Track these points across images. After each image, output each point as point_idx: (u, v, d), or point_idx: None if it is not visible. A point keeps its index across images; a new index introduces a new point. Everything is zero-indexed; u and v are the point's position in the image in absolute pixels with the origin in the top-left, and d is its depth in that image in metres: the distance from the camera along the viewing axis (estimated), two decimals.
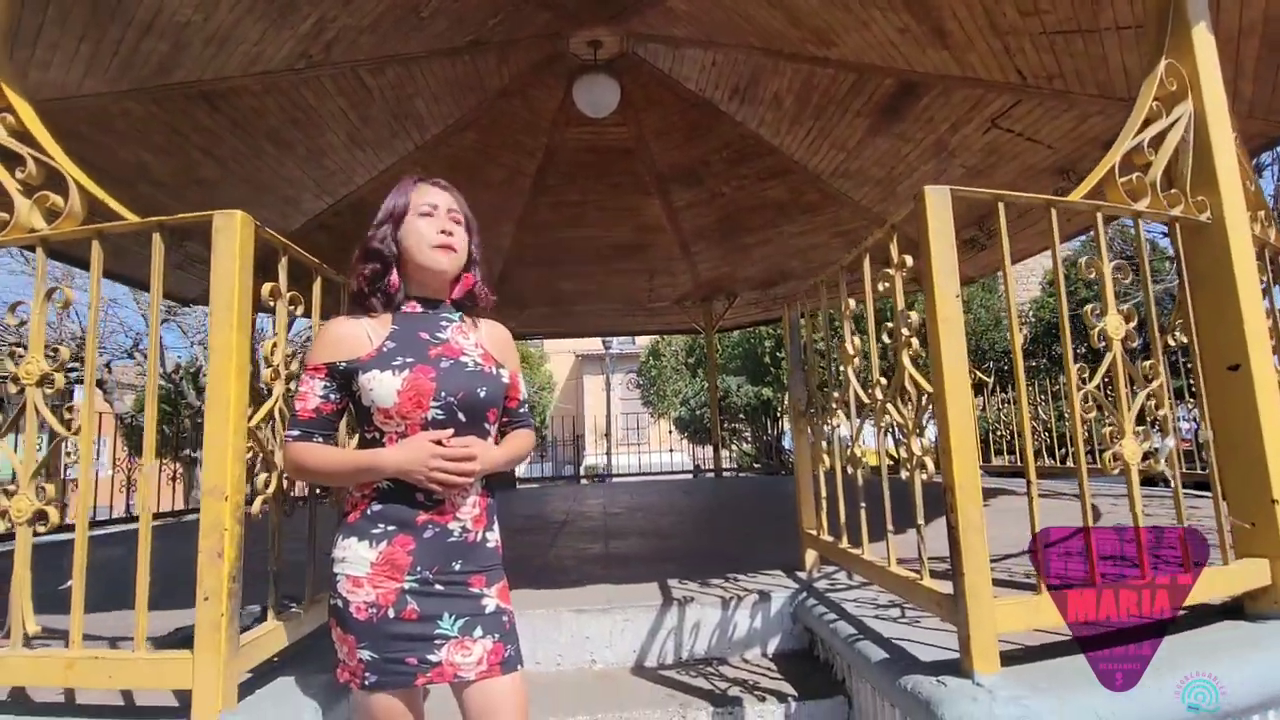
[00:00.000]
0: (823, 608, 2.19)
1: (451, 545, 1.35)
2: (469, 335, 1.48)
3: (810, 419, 2.67)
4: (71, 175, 1.61)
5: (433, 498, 1.34)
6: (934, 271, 1.53)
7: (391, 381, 1.31)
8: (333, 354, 1.36)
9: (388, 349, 1.36)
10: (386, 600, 1.29)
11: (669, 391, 18.64)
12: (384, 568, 1.30)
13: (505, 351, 1.54)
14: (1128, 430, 1.63)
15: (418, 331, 1.41)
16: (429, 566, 1.32)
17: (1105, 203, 1.79)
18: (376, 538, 1.31)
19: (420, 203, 1.43)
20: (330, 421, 1.39)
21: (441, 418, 1.34)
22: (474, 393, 1.37)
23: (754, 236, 8.43)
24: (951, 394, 1.50)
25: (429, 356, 1.37)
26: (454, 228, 1.45)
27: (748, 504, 6.04)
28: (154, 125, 5.13)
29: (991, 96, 5.09)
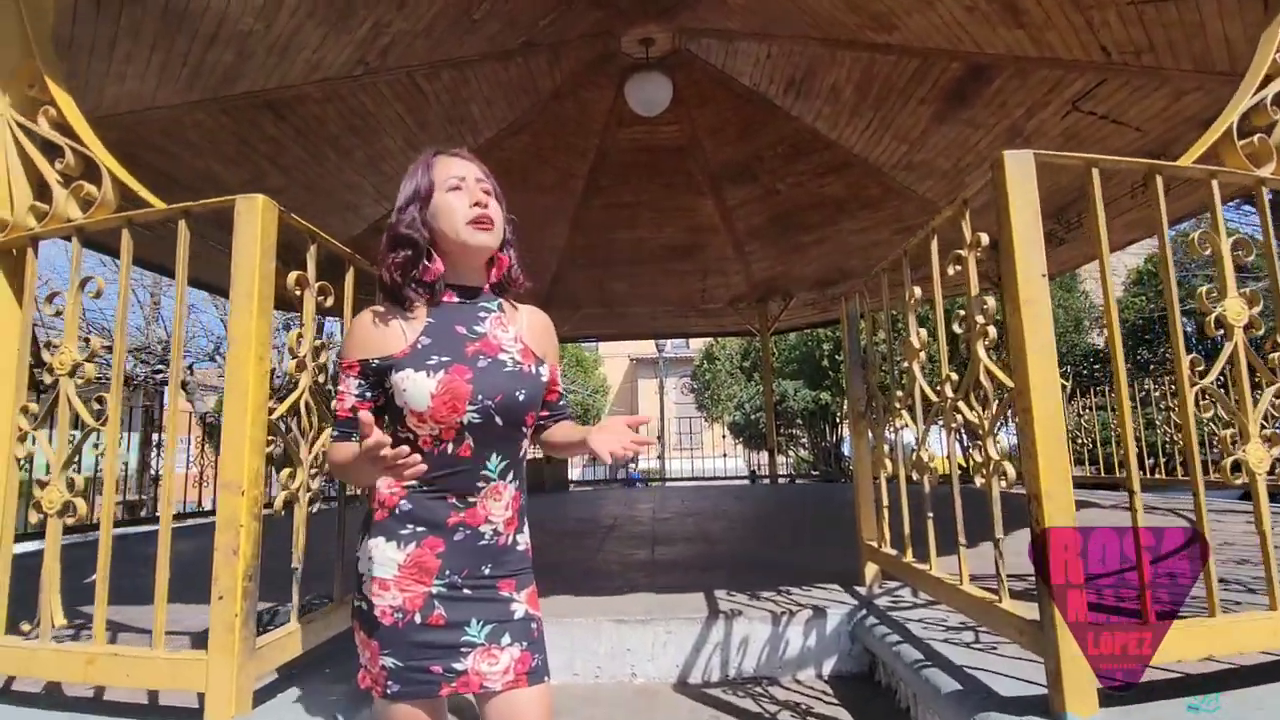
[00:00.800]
0: (884, 628, 1.99)
1: (482, 548, 1.26)
2: (508, 327, 1.36)
3: (870, 420, 2.46)
4: (105, 164, 1.61)
5: (465, 499, 1.25)
6: (1016, 247, 1.34)
7: (426, 383, 1.21)
8: (364, 350, 1.27)
9: (422, 346, 1.26)
10: (414, 605, 1.20)
11: (723, 395, 18.35)
12: (412, 570, 1.21)
13: (546, 342, 1.44)
14: (1253, 433, 1.38)
15: (454, 325, 1.30)
16: (458, 570, 1.23)
17: (1222, 168, 1.54)
18: (405, 539, 1.23)
19: (446, 176, 1.31)
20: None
21: (478, 421, 1.24)
22: (513, 395, 1.27)
23: (811, 235, 8.16)
24: (1038, 389, 1.30)
25: (465, 355, 1.27)
26: (486, 199, 1.32)
27: (803, 511, 5.79)
28: (223, 135, 5.33)
29: (1072, 76, 4.71)
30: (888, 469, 2.24)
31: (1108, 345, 10.58)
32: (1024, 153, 1.37)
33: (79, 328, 1.60)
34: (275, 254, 1.42)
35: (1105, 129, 5.10)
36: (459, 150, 1.36)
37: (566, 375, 19.21)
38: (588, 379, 20.21)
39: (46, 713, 1.40)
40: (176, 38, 3.99)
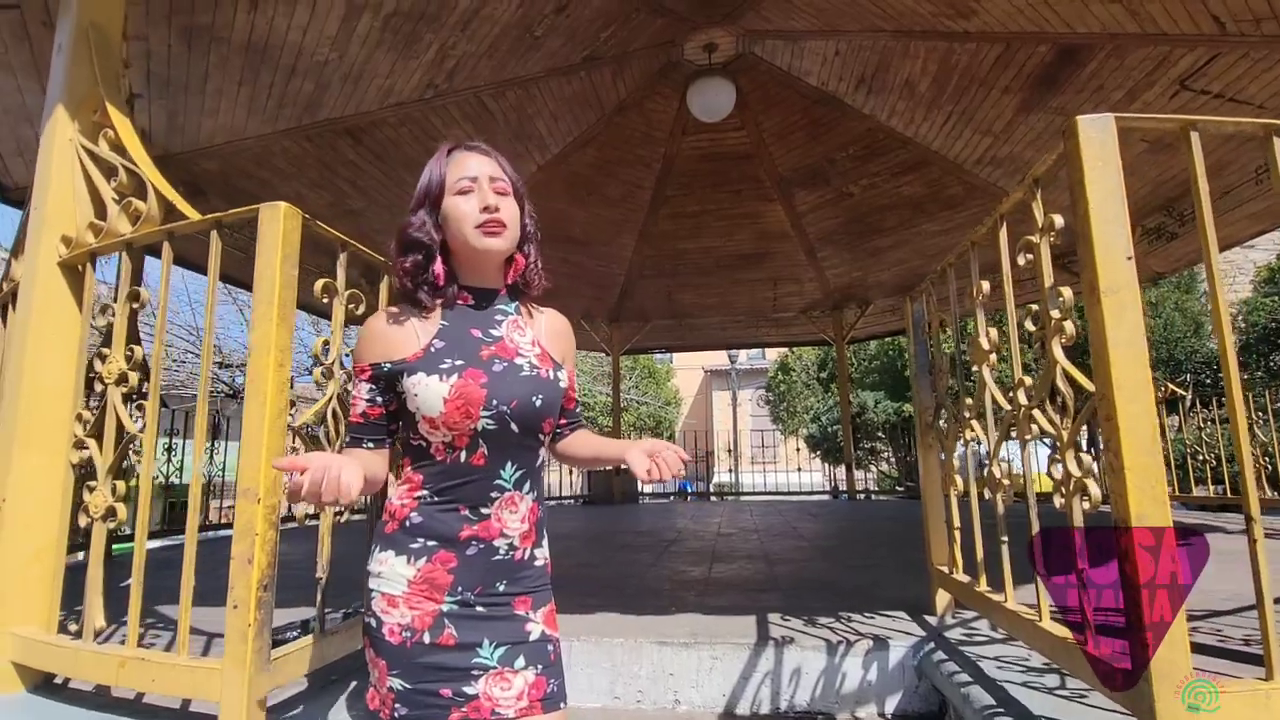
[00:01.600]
0: (954, 665, 1.77)
1: (497, 564, 1.19)
2: (526, 331, 1.30)
3: (939, 432, 2.24)
4: (151, 179, 1.68)
5: (479, 510, 1.19)
6: (1093, 225, 1.14)
7: (438, 388, 1.16)
8: (376, 354, 1.23)
9: (435, 349, 1.21)
10: (423, 624, 1.14)
11: (799, 408, 17.79)
12: (422, 586, 1.15)
13: (564, 346, 1.37)
14: None
15: (469, 329, 1.25)
16: (471, 587, 1.16)
17: None
18: (416, 553, 1.17)
19: (457, 177, 1.24)
20: (379, 426, 1.25)
21: (493, 428, 1.17)
22: (529, 401, 1.20)
23: (888, 238, 7.78)
24: (1123, 392, 1.10)
25: (480, 359, 1.21)
26: (499, 200, 1.23)
27: (878, 530, 5.44)
28: (308, 161, 5.66)
29: (1179, 53, 4.26)
30: (958, 486, 2.01)
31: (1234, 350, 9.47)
32: (1103, 116, 1.18)
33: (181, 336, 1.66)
34: (299, 261, 1.42)
35: (1221, 109, 4.57)
36: (476, 144, 1.28)
37: (638, 388, 19.18)
38: (659, 391, 20.12)
39: (88, 712, 1.44)
40: (260, 71, 4.26)
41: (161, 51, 3.81)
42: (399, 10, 4.08)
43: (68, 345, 1.72)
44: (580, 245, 8.22)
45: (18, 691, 1.60)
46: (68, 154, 1.79)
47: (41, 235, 1.74)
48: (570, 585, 3.07)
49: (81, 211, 1.79)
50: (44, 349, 1.70)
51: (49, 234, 1.75)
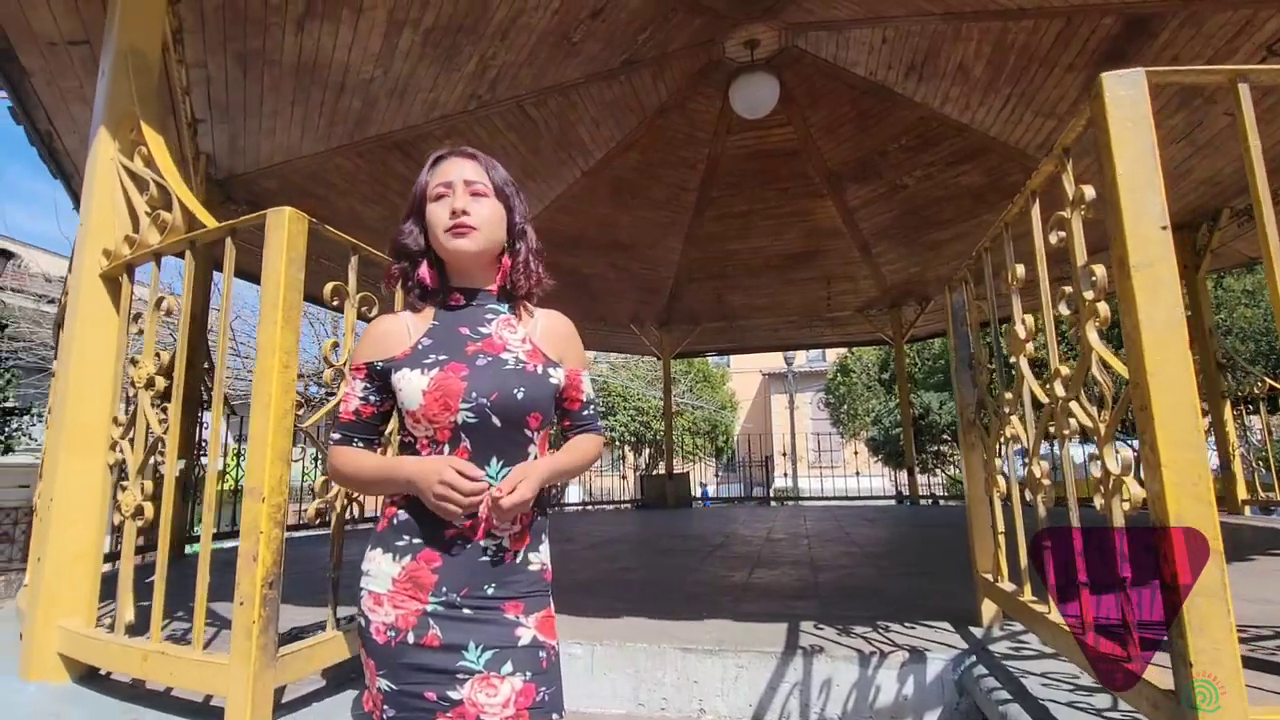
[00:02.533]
0: (995, 681, 1.63)
1: (484, 565, 1.17)
2: (517, 329, 1.30)
3: (981, 430, 2.09)
4: (175, 191, 1.76)
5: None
6: (1121, 192, 1.02)
7: (419, 381, 1.17)
8: (371, 352, 1.25)
9: (423, 346, 1.23)
10: (407, 623, 1.14)
11: (860, 410, 17.22)
12: (406, 585, 1.15)
13: (563, 347, 1.34)
14: None
15: (458, 326, 1.26)
16: (456, 588, 1.15)
17: None
18: (400, 551, 1.17)
19: (435, 184, 1.27)
20: (371, 425, 1.27)
21: (473, 421, 1.17)
22: (510, 394, 1.18)
23: (947, 231, 7.44)
24: (1158, 377, 0.97)
25: (465, 353, 1.22)
26: (471, 202, 1.24)
27: (935, 536, 5.17)
28: (360, 177, 5.88)
29: (1265, 14, 3.89)
30: (1001, 488, 1.87)
31: None
32: (1133, 71, 1.06)
33: None
34: (304, 264, 1.45)
35: None
36: (460, 149, 1.29)
37: (693, 391, 19.03)
38: (715, 394, 19.92)
39: (119, 703, 1.51)
40: (310, 90, 4.45)
41: (220, 77, 4.03)
42: (438, 24, 4.18)
43: (107, 353, 1.83)
44: (626, 249, 8.22)
45: (64, 681, 1.70)
46: (109, 172, 1.91)
47: (85, 249, 1.86)
48: (603, 589, 3.04)
49: (120, 225, 1.90)
50: (87, 357, 1.81)
51: (92, 247, 1.87)
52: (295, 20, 3.73)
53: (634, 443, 16.20)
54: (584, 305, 9.23)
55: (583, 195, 7.14)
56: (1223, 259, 6.75)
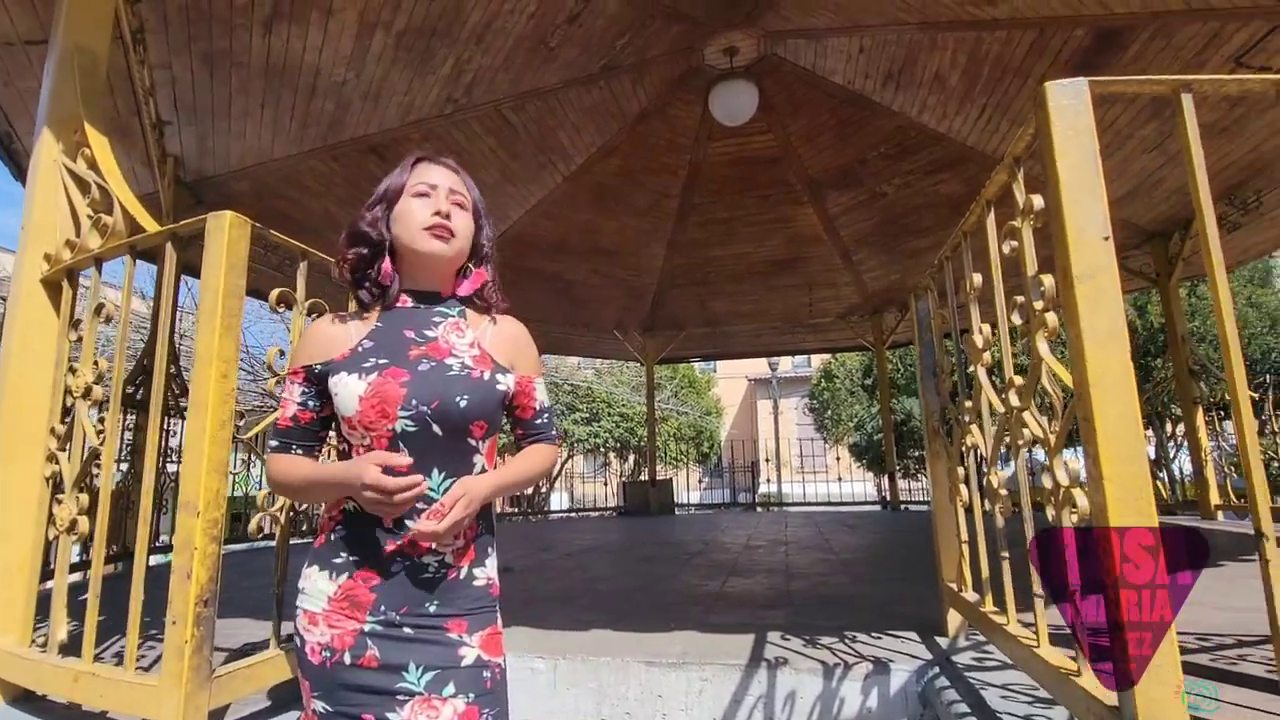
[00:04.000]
0: (955, 694, 1.61)
1: (425, 582, 1.12)
2: (466, 333, 1.25)
3: (945, 438, 2.08)
4: (117, 194, 1.71)
5: (403, 522, 1.12)
6: (1064, 204, 1.01)
7: (355, 386, 1.12)
8: (310, 355, 1.20)
9: (363, 349, 1.18)
10: (343, 643, 1.09)
11: (844, 416, 17.30)
12: (343, 604, 1.10)
13: (514, 352, 1.29)
14: None
15: (403, 329, 1.22)
16: (396, 606, 1.10)
17: None
18: (337, 568, 1.12)
19: (417, 182, 1.24)
20: (310, 431, 1.22)
21: (413, 429, 1.12)
22: (451, 401, 1.13)
23: (926, 238, 7.50)
24: (1099, 389, 0.96)
25: (407, 358, 1.17)
26: (454, 210, 1.23)
27: (913, 543, 5.18)
28: (335, 180, 5.81)
29: (1233, 28, 3.95)
30: (964, 497, 1.86)
31: None
32: (1076, 81, 1.05)
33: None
34: (245, 271, 1.41)
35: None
36: (445, 159, 1.27)
37: (678, 397, 19.02)
38: (700, 400, 19.93)
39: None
40: (281, 93, 4.39)
41: (185, 79, 3.96)
42: (410, 27, 4.14)
43: (46, 360, 1.77)
44: (609, 255, 8.20)
45: None
46: (52, 174, 1.85)
47: (26, 253, 1.80)
48: (573, 600, 3.00)
49: (62, 229, 1.84)
50: (26, 364, 1.75)
51: (33, 251, 1.81)
52: (262, 21, 3.67)
53: (618, 449, 16.15)
54: (567, 311, 9.19)
55: (564, 200, 7.11)
56: (1195, 267, 6.84)
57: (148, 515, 1.44)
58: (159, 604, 1.46)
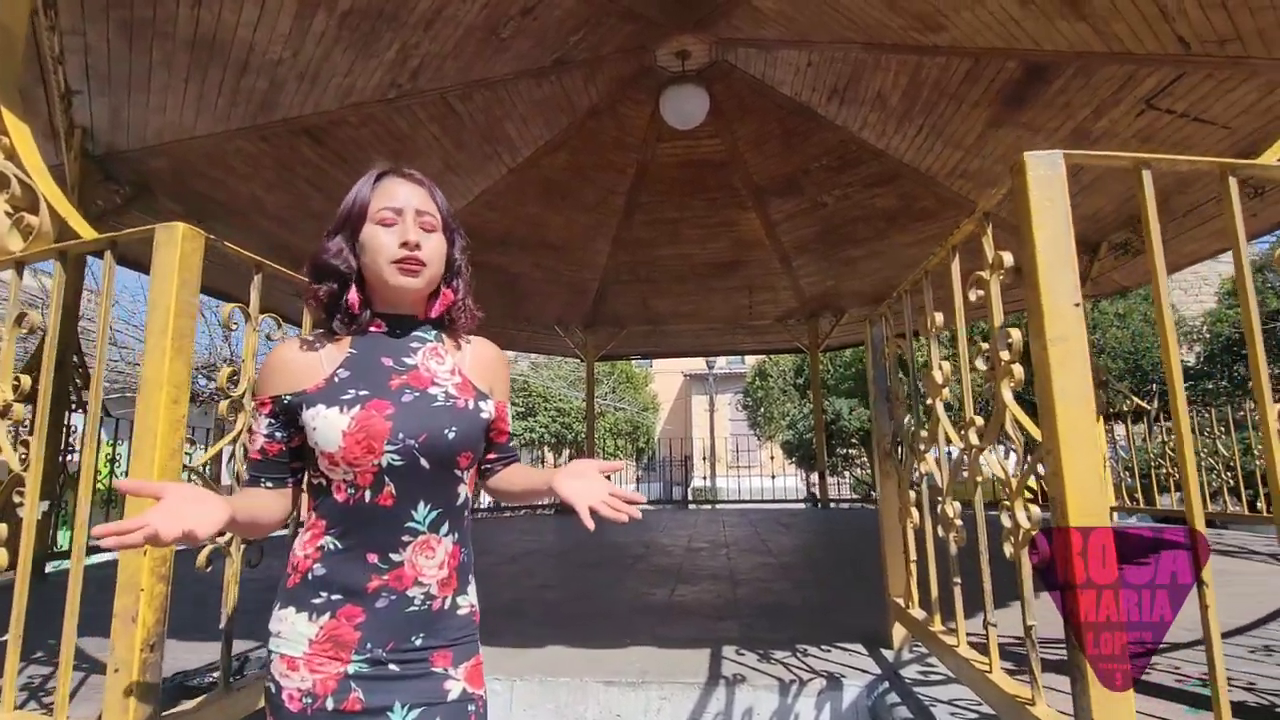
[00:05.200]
0: (906, 710, 1.70)
1: (411, 615, 1.08)
2: (445, 358, 1.20)
3: (896, 461, 2.18)
4: (45, 195, 1.55)
5: (389, 558, 1.08)
6: (1040, 271, 1.08)
7: (337, 420, 1.06)
8: (276, 385, 1.13)
9: (339, 379, 1.11)
10: (325, 688, 1.03)
11: (776, 414, 17.84)
12: (325, 646, 1.05)
13: (492, 375, 1.26)
14: None
15: (380, 357, 1.15)
16: (382, 644, 1.05)
17: None
18: (318, 609, 1.06)
19: (380, 205, 1.16)
20: (280, 464, 1.15)
21: (399, 464, 1.07)
22: (440, 434, 1.10)
23: (861, 249, 7.79)
24: (1069, 445, 1.03)
25: (389, 388, 1.11)
26: (423, 236, 1.16)
27: (846, 545, 5.41)
28: (264, 161, 5.47)
29: (1144, 72, 4.28)
30: (914, 519, 1.95)
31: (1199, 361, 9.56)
32: (1051, 153, 1.12)
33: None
34: (199, 288, 1.30)
35: (1186, 128, 4.61)
36: (409, 172, 1.19)
37: (615, 392, 19.06)
38: (637, 396, 20.03)
39: None
40: (209, 68, 4.09)
41: (100, 47, 3.63)
42: (355, 8, 3.94)
43: None
44: (554, 250, 8.10)
45: None
46: None
47: None
48: (524, 612, 2.97)
49: None
50: None
51: None
52: None
53: (554, 444, 16.02)
54: (509, 305, 9.03)
55: (510, 193, 6.97)
56: (1100, 286, 7.40)
57: (81, 541, 1.31)
58: (52, 625, 1.33)
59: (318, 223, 6.54)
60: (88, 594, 1.36)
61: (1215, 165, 1.21)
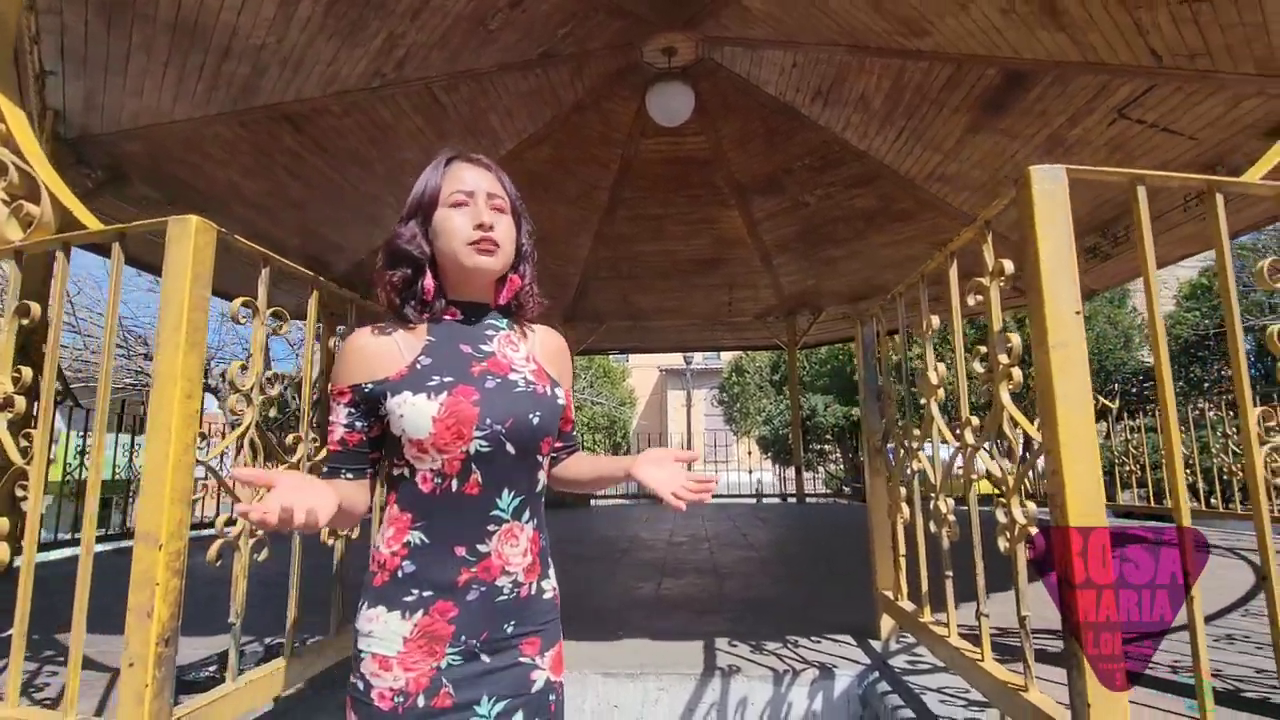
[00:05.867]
0: (898, 698, 1.77)
1: (501, 605, 1.09)
2: (519, 346, 1.21)
3: (886, 458, 2.25)
4: (46, 182, 1.52)
5: (475, 549, 1.08)
6: (1044, 280, 1.13)
7: (426, 407, 1.06)
8: (357, 374, 1.12)
9: (422, 366, 1.11)
10: (418, 685, 1.03)
11: (752, 409, 18.04)
12: (420, 643, 1.05)
13: (560, 366, 1.27)
14: None
15: (458, 344, 1.16)
16: (476, 634, 1.06)
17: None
18: (410, 607, 1.06)
19: (452, 189, 1.16)
20: (360, 454, 1.15)
21: (487, 449, 1.07)
22: (525, 419, 1.10)
23: (841, 248, 7.91)
24: (1069, 447, 1.09)
25: (471, 375, 1.11)
26: (495, 218, 1.16)
27: (825, 539, 5.52)
28: (242, 147, 5.36)
29: (1118, 82, 4.42)
30: (904, 514, 2.02)
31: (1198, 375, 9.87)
32: (1055, 168, 1.17)
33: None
34: (211, 281, 1.29)
35: (1155, 138, 4.78)
36: (476, 157, 1.20)
37: (593, 387, 19.06)
38: (614, 390, 20.06)
39: None
40: (190, 53, 4.00)
41: (78, 28, 3.52)
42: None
43: None
44: (535, 243, 8.08)
45: None
46: None
47: None
48: None
49: None
50: None
51: None
52: None
53: None
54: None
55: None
56: None
57: (89, 546, 1.29)
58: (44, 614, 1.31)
59: (296, 210, 6.43)
60: (50, 588, 1.34)
61: (1204, 182, 1.28)
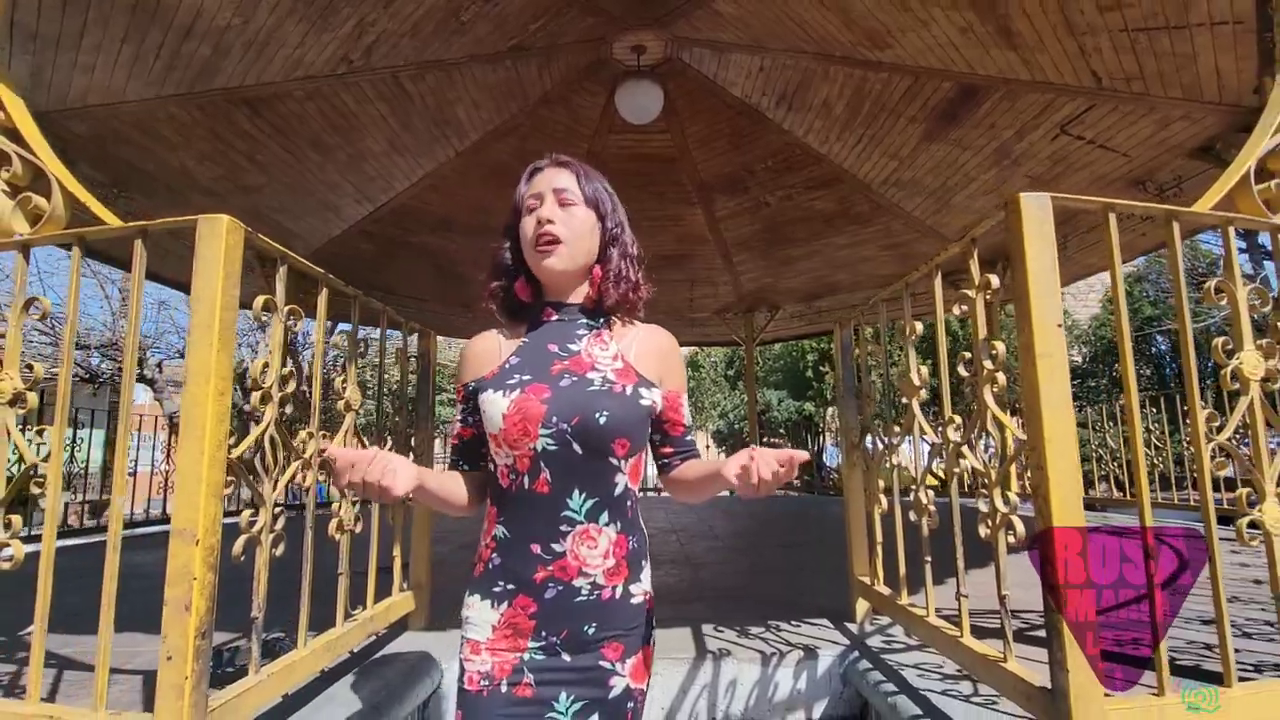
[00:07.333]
0: (879, 674, 1.92)
1: (579, 606, 1.10)
2: (609, 345, 1.21)
3: (864, 452, 2.40)
4: (56, 175, 1.48)
5: (550, 547, 1.09)
6: (1032, 296, 1.27)
7: (500, 403, 1.10)
8: (466, 374, 1.22)
9: (509, 365, 1.17)
10: (502, 672, 1.08)
11: (707, 404, 18.37)
12: (507, 632, 1.10)
13: (661, 365, 1.23)
14: (1269, 492, 1.33)
15: (547, 344, 1.19)
16: (555, 631, 1.09)
17: (1237, 214, 1.49)
18: (498, 597, 1.11)
19: (528, 198, 1.21)
20: (471, 449, 1.22)
21: (554, 448, 1.09)
22: (592, 417, 1.09)
23: (799, 248, 8.15)
24: (1053, 444, 1.23)
25: (549, 373, 1.14)
26: (557, 212, 1.17)
27: (787, 528, 5.73)
28: (198, 131, 5.16)
29: (1062, 101, 4.73)
30: (883, 505, 2.17)
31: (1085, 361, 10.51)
32: (1041, 195, 1.31)
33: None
34: (240, 281, 1.30)
35: (1092, 153, 5.14)
36: (555, 157, 1.25)
37: None
38: None
39: None
40: (149, 30, 3.84)
41: (30, 3, 3.34)
42: None
43: None
44: (497, 236, 8.01)
45: None
46: None
47: None
48: None
49: None
50: None
51: None
52: None
53: None
54: (448, 289, 8.86)
55: (455, 176, 6.85)
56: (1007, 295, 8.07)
57: (116, 540, 1.28)
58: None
59: (250, 196, 6.21)
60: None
61: (1164, 213, 1.45)
